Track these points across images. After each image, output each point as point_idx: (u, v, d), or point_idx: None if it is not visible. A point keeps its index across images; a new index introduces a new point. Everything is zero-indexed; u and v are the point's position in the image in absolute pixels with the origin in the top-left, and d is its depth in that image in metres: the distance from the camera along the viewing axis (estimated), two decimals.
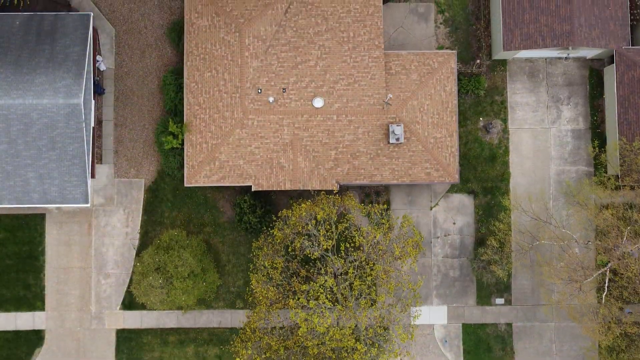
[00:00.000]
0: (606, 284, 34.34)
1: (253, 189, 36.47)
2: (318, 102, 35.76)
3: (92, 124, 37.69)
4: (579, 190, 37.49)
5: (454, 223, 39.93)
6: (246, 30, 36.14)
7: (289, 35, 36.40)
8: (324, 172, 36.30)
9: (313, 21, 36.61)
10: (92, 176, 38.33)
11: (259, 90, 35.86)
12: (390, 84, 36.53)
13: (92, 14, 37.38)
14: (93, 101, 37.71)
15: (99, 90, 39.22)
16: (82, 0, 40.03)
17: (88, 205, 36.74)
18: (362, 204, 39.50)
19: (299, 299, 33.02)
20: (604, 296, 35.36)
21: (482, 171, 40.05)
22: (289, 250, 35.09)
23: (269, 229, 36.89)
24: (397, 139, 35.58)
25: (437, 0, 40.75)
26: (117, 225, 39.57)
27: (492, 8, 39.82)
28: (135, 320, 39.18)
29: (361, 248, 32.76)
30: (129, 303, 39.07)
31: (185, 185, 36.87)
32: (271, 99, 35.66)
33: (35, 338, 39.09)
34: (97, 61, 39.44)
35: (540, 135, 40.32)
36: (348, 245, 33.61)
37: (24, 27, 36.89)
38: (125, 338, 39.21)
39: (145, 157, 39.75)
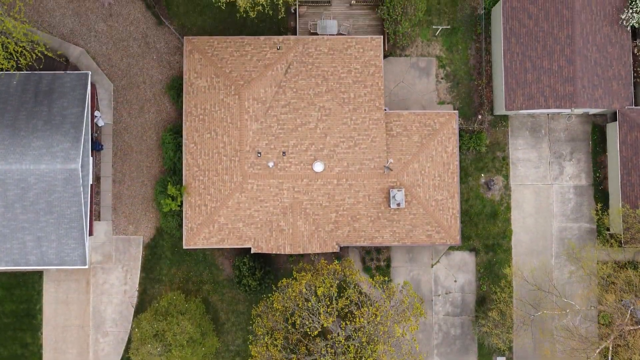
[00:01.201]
0: (609, 357, 34.02)
1: (252, 251, 36.12)
2: (318, 167, 35.40)
3: (90, 182, 37.35)
4: (581, 253, 37.11)
5: (455, 281, 39.57)
6: (246, 92, 35.78)
7: (289, 96, 36.04)
8: (324, 235, 35.94)
9: (313, 82, 36.25)
10: (90, 234, 37.96)
11: (259, 154, 35.50)
12: (392, 146, 36.18)
13: (89, 74, 37.01)
14: (91, 158, 37.38)
15: (97, 147, 38.86)
16: (80, 55, 39.67)
17: (86, 267, 36.38)
18: (363, 262, 39.22)
19: None
20: None
21: (484, 228, 39.68)
22: (289, 322, 34.69)
23: (268, 294, 36.51)
24: (398, 204, 35.23)
25: (438, 55, 40.40)
26: (115, 283, 39.21)
27: (494, 66, 39.46)
28: None
29: (362, 328, 32.36)
30: None
31: (184, 247, 36.51)
32: (271, 164, 35.30)
33: None
34: (95, 117, 39.09)
35: (543, 191, 39.95)
36: (348, 323, 33.21)
37: (22, 86, 36.54)
38: None
39: (144, 214, 39.39)
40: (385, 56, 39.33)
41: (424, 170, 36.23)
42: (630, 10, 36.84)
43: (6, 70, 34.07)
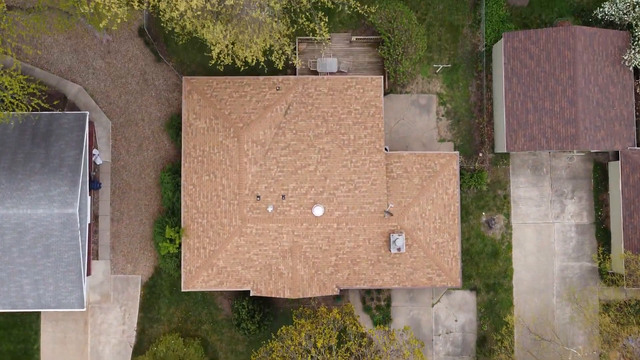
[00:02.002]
0: None
1: (251, 294, 35.82)
2: (318, 211, 35.10)
3: (89, 221, 37.08)
4: (581, 297, 36.86)
5: (456, 320, 39.27)
6: (245, 135, 35.48)
7: (288, 137, 35.74)
8: (324, 278, 35.65)
9: (313, 123, 35.95)
10: (88, 273, 37.65)
11: (258, 197, 35.21)
12: (392, 189, 35.88)
13: (87, 114, 36.72)
14: (89, 197, 37.11)
15: (95, 186, 38.55)
16: (78, 92, 39.38)
17: (84, 309, 36.08)
18: (363, 301, 38.92)
19: None
20: None
21: (485, 267, 39.39)
22: None
23: (268, 339, 36.21)
24: (399, 249, 34.94)
25: (439, 92, 40.11)
26: (113, 322, 38.90)
27: (495, 105, 39.18)
28: None
29: None
30: None
31: (183, 290, 36.20)
32: (270, 209, 35.00)
33: None
34: (94, 155, 38.78)
35: (544, 230, 39.66)
36: None
37: (19, 127, 36.23)
38: None
39: (142, 253, 39.08)
40: (385, 93, 39.05)
41: (424, 214, 35.93)
42: (633, 51, 36.54)
43: (2, 119, 33.79)
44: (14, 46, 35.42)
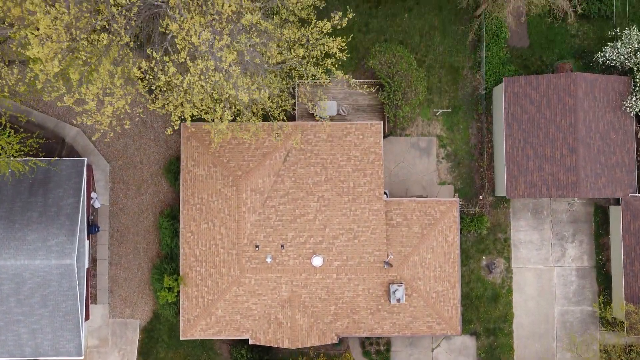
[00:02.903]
0: None
1: (250, 342, 35.62)
2: (317, 261, 34.89)
3: (87, 265, 36.89)
4: (583, 341, 36.63)
5: None
6: (244, 184, 35.27)
7: (287, 185, 35.53)
8: (323, 326, 35.45)
9: (312, 170, 35.74)
10: (86, 318, 37.45)
11: (257, 247, 35.00)
12: (392, 238, 35.66)
13: (85, 160, 36.54)
14: (87, 242, 36.92)
15: (93, 230, 38.35)
16: (76, 135, 39.18)
17: (82, 357, 35.89)
18: (362, 346, 38.71)
19: None
20: None
21: (485, 312, 39.18)
22: None
23: None
24: (398, 300, 34.74)
25: (439, 134, 39.89)
26: None
27: (495, 149, 38.97)
28: None
29: None
30: None
31: (181, 339, 36.00)
32: (269, 259, 34.79)
33: None
34: (92, 198, 38.57)
35: (544, 274, 39.44)
36: None
37: (17, 175, 36.01)
38: None
39: (141, 297, 38.89)
40: (385, 136, 38.83)
41: (424, 262, 35.71)
42: (635, 97, 36.31)
43: None
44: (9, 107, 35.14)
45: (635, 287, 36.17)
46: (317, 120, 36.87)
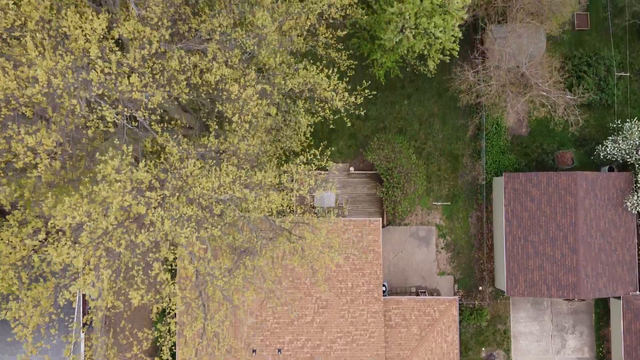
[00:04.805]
0: None
1: None
2: None
3: None
4: None
5: None
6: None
7: (284, 286, 35.11)
8: None
9: (310, 270, 35.28)
10: None
11: (254, 351, 34.58)
12: (390, 339, 35.26)
13: None
14: None
15: None
16: None
17: None
18: None
19: None
20: None
21: None
22: None
23: None
24: None
25: (438, 223, 39.50)
26: None
27: (495, 242, 38.58)
28: None
29: None
30: None
31: None
32: None
33: None
34: None
35: None
36: None
37: None
38: None
39: None
40: (384, 225, 38.43)
41: None
42: (637, 196, 35.87)
43: None
44: None
45: None
46: (315, 209, 36.49)
